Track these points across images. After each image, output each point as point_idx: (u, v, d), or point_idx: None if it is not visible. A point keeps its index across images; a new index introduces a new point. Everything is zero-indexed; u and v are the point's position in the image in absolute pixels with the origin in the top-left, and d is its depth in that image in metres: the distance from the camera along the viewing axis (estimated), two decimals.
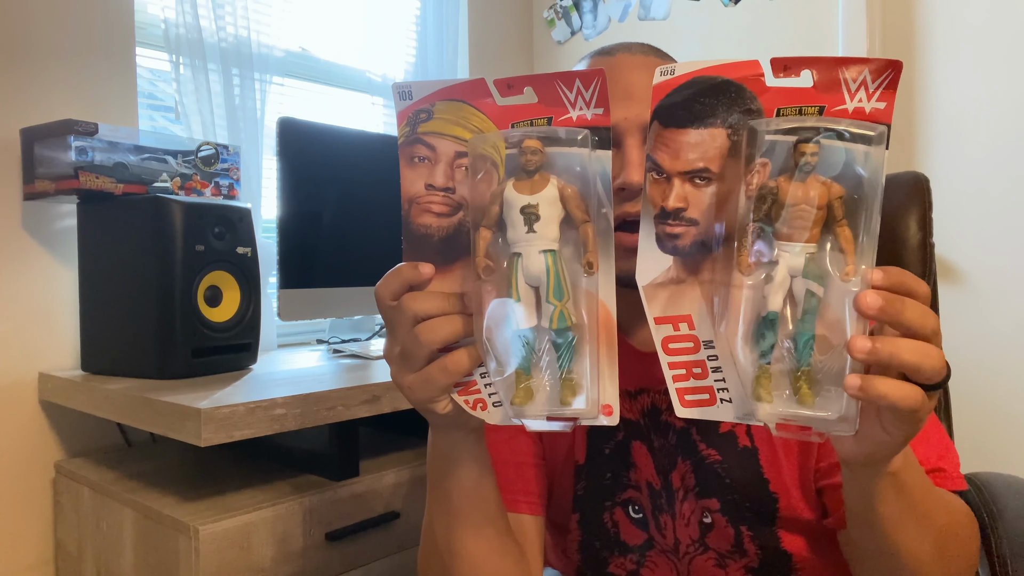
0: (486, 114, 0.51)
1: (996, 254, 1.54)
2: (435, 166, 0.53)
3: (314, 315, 1.40)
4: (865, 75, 0.47)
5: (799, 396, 0.48)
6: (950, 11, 1.58)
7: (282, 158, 1.32)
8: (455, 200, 0.53)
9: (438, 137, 0.52)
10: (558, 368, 0.51)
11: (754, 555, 0.72)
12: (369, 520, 1.12)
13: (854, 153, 0.46)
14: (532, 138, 0.50)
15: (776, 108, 0.48)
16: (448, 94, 0.51)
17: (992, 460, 1.54)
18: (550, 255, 0.50)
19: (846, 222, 0.46)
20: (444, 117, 0.52)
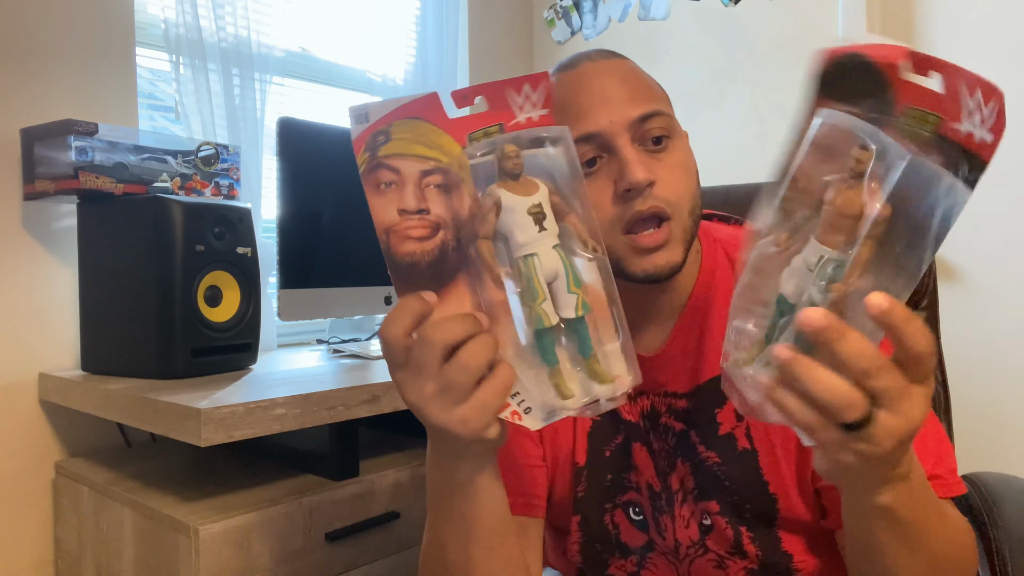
0: (442, 128, 0.51)
1: (996, 254, 1.54)
2: (403, 189, 0.51)
3: (314, 315, 1.40)
4: (979, 96, 0.43)
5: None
6: (950, 11, 1.58)
7: (282, 158, 1.32)
8: (432, 220, 0.51)
9: (400, 158, 0.51)
10: (582, 354, 0.52)
11: (754, 556, 0.72)
12: (369, 520, 1.12)
13: (941, 184, 0.43)
14: (509, 143, 0.51)
15: (906, 105, 0.45)
16: (404, 112, 0.50)
17: (992, 460, 1.54)
18: (559, 248, 0.51)
19: (871, 245, 0.44)
20: (403, 137, 0.51)
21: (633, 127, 0.66)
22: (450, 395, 0.50)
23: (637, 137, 0.66)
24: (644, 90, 0.68)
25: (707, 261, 0.75)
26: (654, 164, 0.66)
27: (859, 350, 0.43)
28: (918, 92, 0.44)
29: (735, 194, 1.09)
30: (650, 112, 0.66)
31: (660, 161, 0.67)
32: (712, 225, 0.80)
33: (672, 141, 0.68)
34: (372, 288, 1.47)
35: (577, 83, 0.68)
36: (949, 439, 0.73)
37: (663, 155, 0.67)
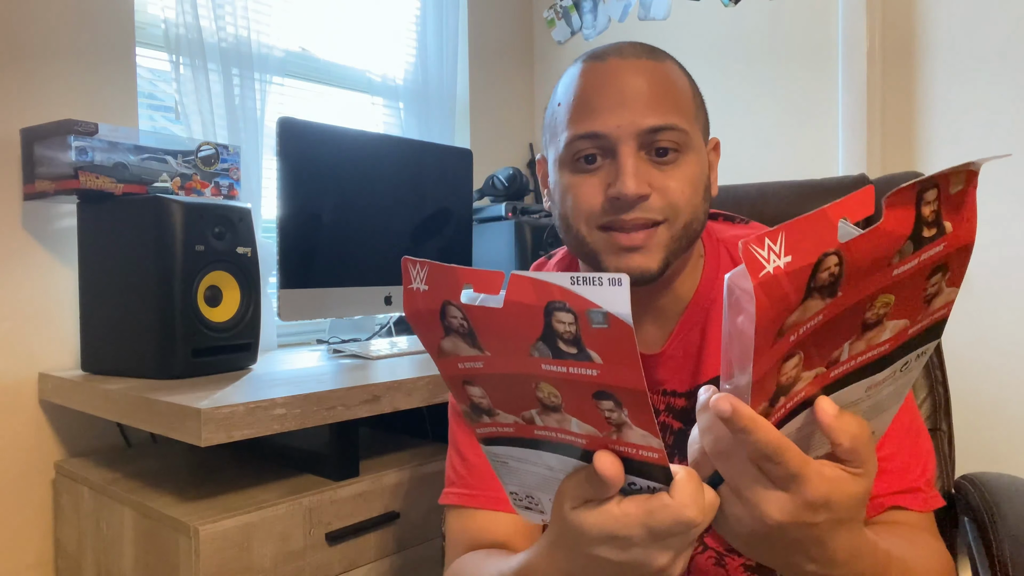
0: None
1: (996, 255, 1.54)
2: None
3: (314, 315, 1.40)
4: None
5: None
6: (950, 11, 1.58)
7: (282, 158, 1.32)
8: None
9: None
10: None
11: None
12: (369, 520, 1.12)
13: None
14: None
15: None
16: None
17: (992, 460, 1.54)
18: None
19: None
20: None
21: (641, 136, 0.65)
22: (687, 552, 0.48)
23: (644, 145, 0.65)
24: (666, 99, 0.66)
25: (710, 262, 0.75)
26: (655, 174, 0.66)
27: (764, 454, 0.44)
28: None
29: (737, 193, 1.09)
30: (663, 125, 0.65)
31: (663, 172, 0.66)
32: (717, 225, 0.80)
33: (682, 156, 0.66)
34: (372, 288, 1.47)
35: (599, 77, 0.67)
36: (931, 446, 0.72)
37: (668, 167, 0.66)
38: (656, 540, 0.45)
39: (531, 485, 0.51)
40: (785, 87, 1.81)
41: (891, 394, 0.51)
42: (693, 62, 1.98)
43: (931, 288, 0.45)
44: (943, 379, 1.02)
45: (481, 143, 2.21)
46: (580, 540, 0.47)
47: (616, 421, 0.42)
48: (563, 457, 0.47)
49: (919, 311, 0.46)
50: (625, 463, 0.44)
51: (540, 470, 0.49)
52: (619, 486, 0.44)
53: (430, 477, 1.21)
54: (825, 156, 1.74)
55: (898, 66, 1.66)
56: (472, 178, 1.66)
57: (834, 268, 0.41)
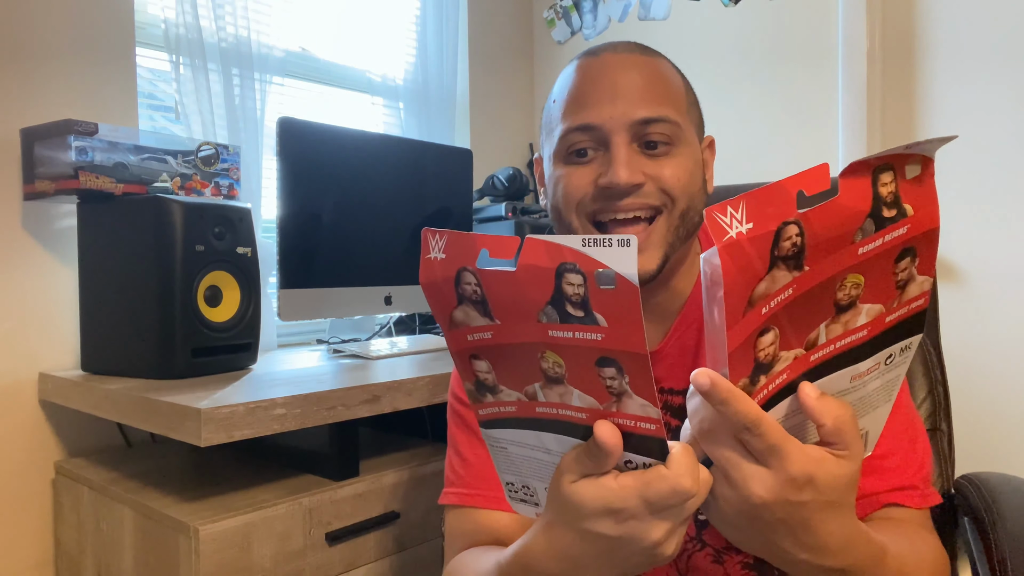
0: None
1: (996, 254, 1.54)
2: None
3: (314, 315, 1.40)
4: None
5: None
6: (950, 11, 1.58)
7: (282, 158, 1.32)
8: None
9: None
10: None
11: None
12: (369, 520, 1.12)
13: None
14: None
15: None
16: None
17: (992, 460, 1.54)
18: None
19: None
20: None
21: (633, 128, 0.66)
22: (681, 527, 0.49)
23: (636, 138, 0.66)
24: (658, 92, 0.67)
25: None
26: (648, 164, 0.66)
27: (734, 425, 0.46)
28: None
29: (735, 193, 1.09)
30: (655, 116, 0.66)
31: (656, 161, 0.67)
32: None
33: (674, 148, 0.67)
34: (372, 288, 1.47)
35: (593, 72, 0.68)
36: (929, 445, 0.73)
37: (661, 157, 0.67)
38: (652, 512, 0.46)
39: (528, 474, 0.51)
40: (785, 87, 1.81)
41: (879, 389, 0.51)
42: (693, 62, 1.99)
43: (901, 273, 0.47)
44: (943, 379, 1.02)
45: (481, 143, 2.21)
46: (577, 514, 0.47)
47: (617, 390, 0.43)
48: (562, 438, 0.48)
49: (892, 296, 0.48)
50: (624, 439, 0.45)
51: (538, 455, 0.50)
52: (618, 455, 0.45)
53: (430, 477, 1.21)
54: (825, 156, 1.74)
55: (898, 66, 1.66)
56: (472, 178, 1.66)
57: (795, 238, 0.43)
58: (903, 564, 0.57)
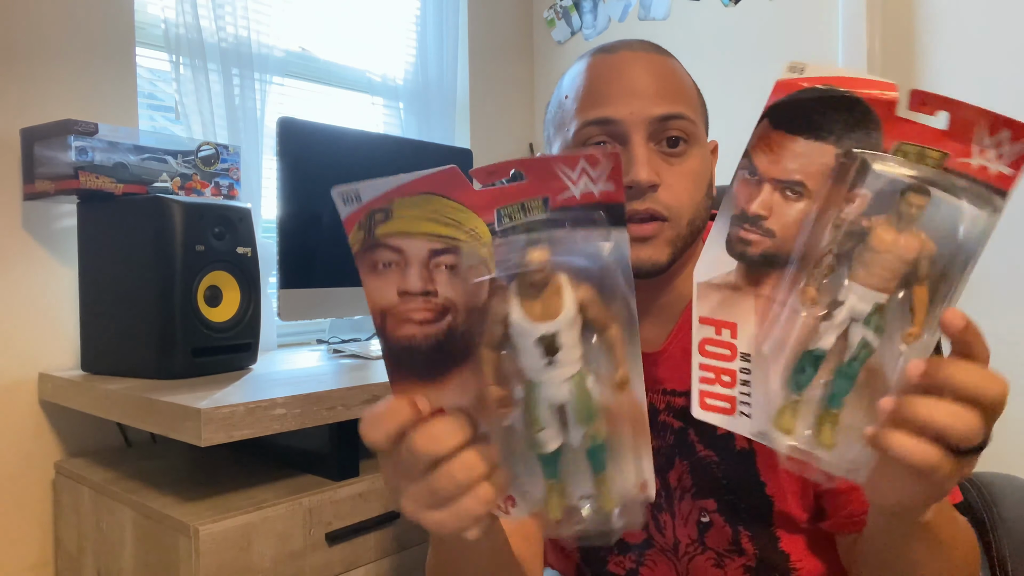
0: (464, 203, 0.43)
1: (996, 254, 1.54)
2: (406, 269, 0.45)
3: (314, 315, 1.40)
4: (1003, 135, 0.44)
5: (820, 436, 0.46)
6: (950, 11, 1.58)
7: (282, 158, 1.32)
8: (439, 304, 0.45)
9: (403, 237, 0.44)
10: (592, 474, 0.46)
11: (752, 554, 0.72)
12: (369, 520, 1.12)
13: (961, 213, 0.44)
14: (536, 247, 0.42)
15: (898, 142, 0.45)
16: (410, 189, 0.44)
17: (992, 460, 1.54)
18: (575, 379, 0.44)
19: (927, 283, 0.44)
20: (407, 214, 0.44)
21: (652, 124, 0.66)
22: (431, 499, 0.45)
23: (654, 135, 0.66)
24: (675, 90, 0.68)
25: None
26: (664, 167, 0.66)
27: (978, 378, 0.43)
28: (915, 129, 0.45)
29: None
30: (673, 113, 0.66)
31: (671, 166, 0.67)
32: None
33: (690, 148, 0.68)
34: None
35: (610, 67, 0.69)
36: None
37: (676, 160, 0.67)
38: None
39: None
40: None
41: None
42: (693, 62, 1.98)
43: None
44: None
45: (481, 143, 2.21)
46: None
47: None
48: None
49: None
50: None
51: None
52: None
53: None
54: None
55: (898, 66, 1.66)
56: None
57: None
58: (960, 530, 0.59)
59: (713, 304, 0.50)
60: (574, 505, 0.47)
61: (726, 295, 0.50)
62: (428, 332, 0.45)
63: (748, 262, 0.49)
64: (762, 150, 0.48)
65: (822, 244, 0.46)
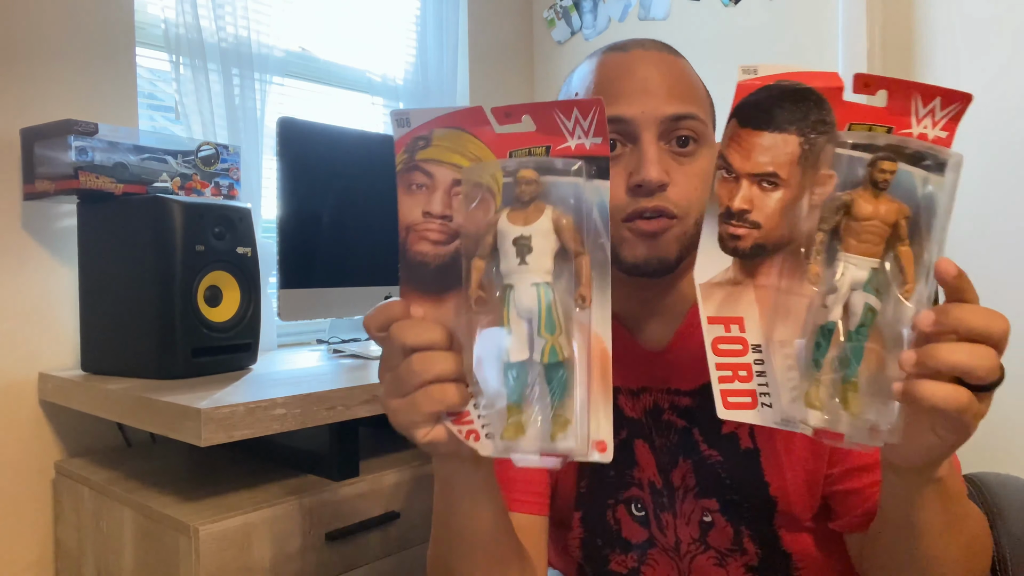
0: (484, 142, 0.51)
1: (996, 254, 1.54)
2: (432, 193, 0.52)
3: (314, 315, 1.40)
4: (935, 103, 0.48)
5: (847, 405, 0.48)
6: (950, 11, 1.58)
7: (282, 158, 1.32)
8: (452, 228, 0.52)
9: (436, 164, 0.52)
10: (549, 403, 0.50)
11: (754, 554, 0.72)
12: (369, 520, 1.12)
13: (919, 176, 0.48)
14: (528, 168, 0.49)
15: (848, 123, 0.49)
16: (446, 122, 0.51)
17: (992, 460, 1.54)
18: (542, 288, 0.49)
19: (909, 242, 0.48)
20: (442, 144, 0.52)
21: (663, 124, 0.66)
22: (395, 385, 0.52)
23: (664, 135, 0.66)
24: (686, 90, 0.68)
25: None
26: (674, 167, 0.66)
27: (985, 316, 0.46)
28: (861, 110, 0.49)
29: None
30: (685, 113, 0.66)
31: (681, 165, 0.67)
32: None
33: (700, 148, 0.68)
34: (372, 288, 1.47)
35: (622, 66, 0.69)
36: None
37: (686, 160, 0.67)
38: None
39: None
40: None
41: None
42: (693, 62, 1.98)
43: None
44: None
45: None
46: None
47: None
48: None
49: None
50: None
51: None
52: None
53: (430, 477, 1.21)
54: None
55: (898, 66, 1.66)
56: None
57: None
58: (970, 504, 0.61)
59: (718, 302, 0.52)
60: (531, 422, 0.50)
61: (728, 291, 0.52)
62: (439, 252, 0.52)
63: (741, 255, 0.52)
64: (734, 149, 0.51)
65: (809, 224, 0.50)
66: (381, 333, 0.54)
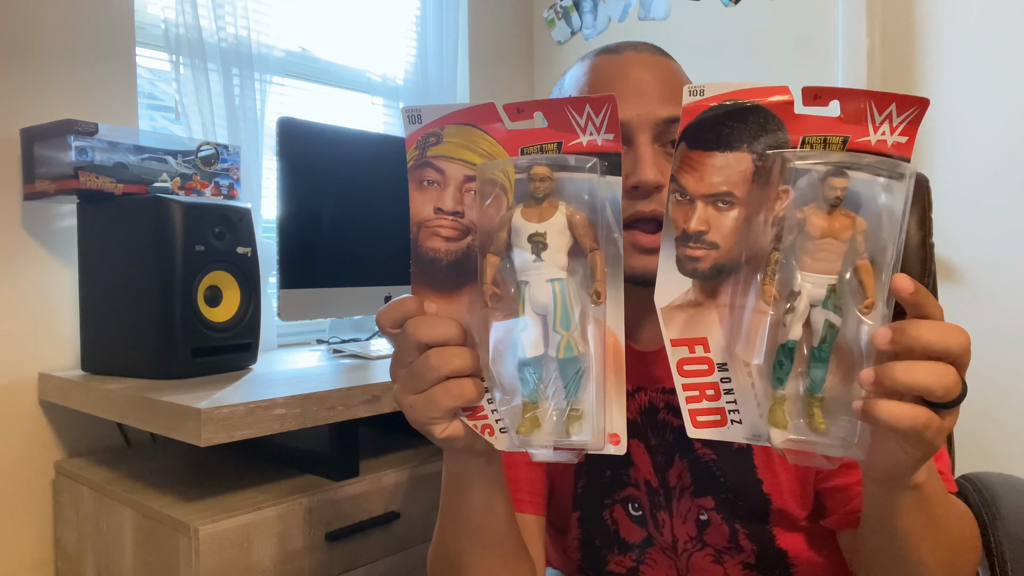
0: (496, 138, 0.51)
1: (996, 254, 1.54)
2: (444, 190, 0.52)
3: (314, 315, 1.40)
4: (891, 109, 0.47)
5: (812, 423, 0.48)
6: (950, 11, 1.58)
7: (282, 158, 1.32)
8: (464, 224, 0.52)
9: (447, 161, 0.52)
10: (564, 398, 0.51)
11: (750, 551, 0.72)
12: (369, 520, 1.12)
13: (876, 187, 0.47)
14: (541, 165, 0.49)
15: (802, 136, 0.49)
16: (458, 118, 0.51)
17: (992, 460, 1.54)
18: (557, 284, 0.50)
19: (867, 256, 0.47)
20: (454, 141, 0.52)
21: (658, 126, 0.66)
22: (411, 381, 0.52)
23: (658, 137, 0.67)
24: (679, 93, 0.68)
25: None
26: (668, 168, 0.67)
27: (943, 333, 0.45)
28: (814, 122, 0.49)
29: None
30: (679, 116, 0.66)
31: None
32: None
33: None
34: (372, 288, 1.47)
35: (615, 68, 0.69)
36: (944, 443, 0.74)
37: None
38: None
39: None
40: None
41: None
42: (693, 62, 1.98)
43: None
44: None
45: None
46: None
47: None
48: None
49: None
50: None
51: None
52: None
53: (430, 477, 1.21)
54: None
55: (898, 66, 1.66)
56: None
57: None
58: (954, 501, 0.61)
59: (680, 324, 0.52)
60: (546, 417, 0.51)
61: (690, 313, 0.52)
62: (451, 248, 0.53)
63: (701, 277, 0.52)
64: (686, 171, 0.51)
65: (765, 243, 0.49)
66: (395, 329, 0.53)
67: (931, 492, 0.55)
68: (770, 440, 0.49)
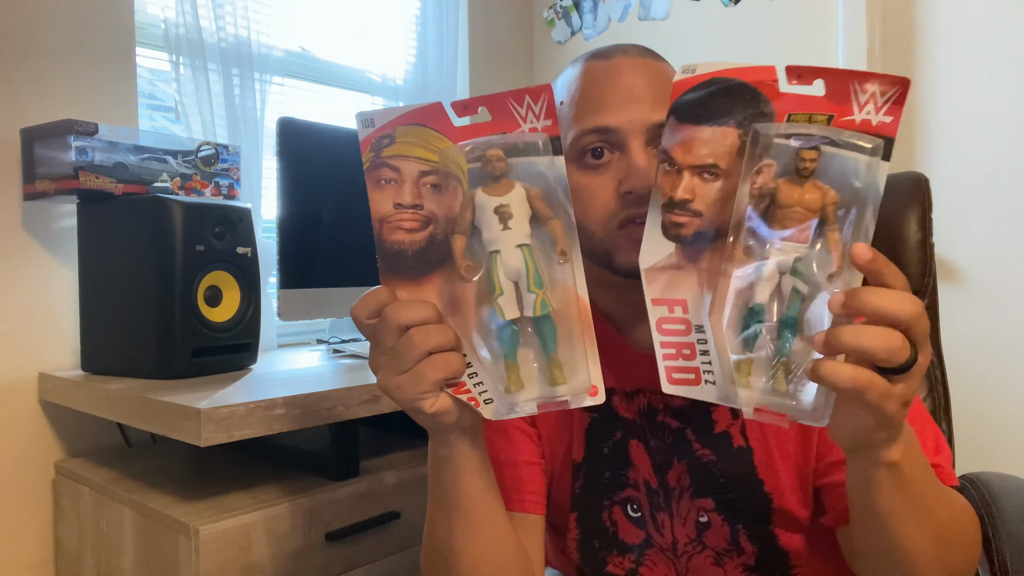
0: (446, 135, 0.55)
1: (996, 254, 1.54)
2: (401, 186, 0.56)
3: (314, 315, 1.40)
4: (875, 89, 0.49)
5: (775, 384, 0.51)
6: (950, 11, 1.58)
7: (282, 158, 1.32)
8: (423, 215, 0.56)
9: (402, 159, 0.56)
10: (544, 353, 0.55)
11: (751, 553, 0.72)
12: (369, 520, 1.12)
13: (855, 163, 0.49)
14: (495, 147, 0.54)
15: (788, 113, 0.51)
16: (409, 119, 0.55)
17: (992, 460, 1.54)
18: (525, 248, 0.55)
19: (837, 227, 0.50)
20: (406, 140, 0.55)
21: (650, 131, 0.66)
22: (395, 363, 0.55)
23: (651, 141, 0.66)
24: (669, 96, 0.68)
25: None
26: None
27: (894, 299, 0.47)
28: (800, 100, 0.51)
29: None
30: None
31: None
32: None
33: None
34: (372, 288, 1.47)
35: (606, 74, 0.69)
36: (945, 438, 0.74)
37: None
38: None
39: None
40: None
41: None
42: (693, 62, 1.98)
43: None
44: (943, 379, 1.02)
45: None
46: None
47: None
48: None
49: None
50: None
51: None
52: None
53: None
54: None
55: (898, 66, 1.66)
56: None
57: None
58: (947, 491, 0.61)
59: (661, 285, 0.55)
60: (529, 375, 0.56)
61: (671, 275, 0.55)
62: (415, 239, 0.56)
63: (684, 243, 0.55)
64: (674, 143, 0.54)
65: (739, 211, 0.52)
66: (372, 320, 0.56)
67: (911, 474, 0.54)
68: (738, 402, 0.52)
